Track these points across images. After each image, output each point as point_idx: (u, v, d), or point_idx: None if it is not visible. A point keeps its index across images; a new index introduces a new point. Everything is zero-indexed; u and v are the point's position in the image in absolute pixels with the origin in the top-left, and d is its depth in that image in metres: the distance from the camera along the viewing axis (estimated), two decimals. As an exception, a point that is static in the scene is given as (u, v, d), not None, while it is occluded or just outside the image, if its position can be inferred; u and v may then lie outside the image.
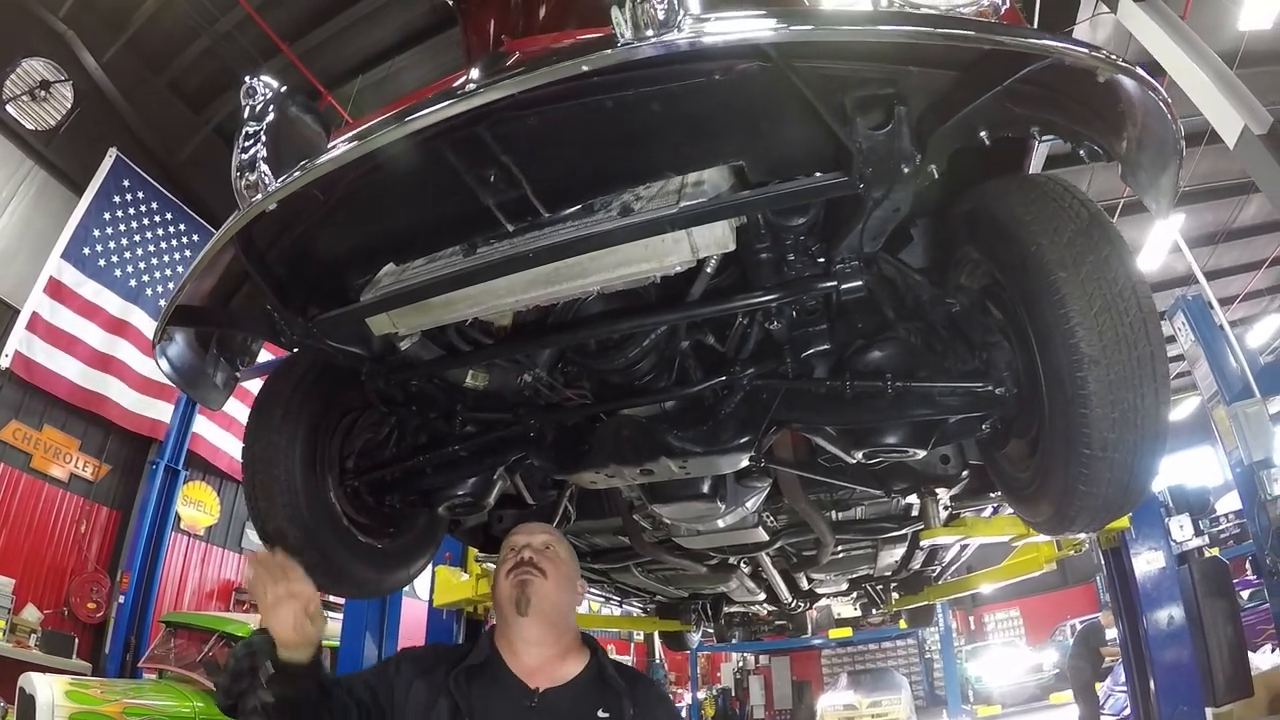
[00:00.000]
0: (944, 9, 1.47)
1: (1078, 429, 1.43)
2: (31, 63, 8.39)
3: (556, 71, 1.11)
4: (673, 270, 1.39)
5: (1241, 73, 10.13)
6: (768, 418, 1.78)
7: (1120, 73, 1.23)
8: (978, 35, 1.20)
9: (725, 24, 1.12)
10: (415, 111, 1.22)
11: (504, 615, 1.67)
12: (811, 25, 1.16)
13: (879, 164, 1.28)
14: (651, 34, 1.06)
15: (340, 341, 1.81)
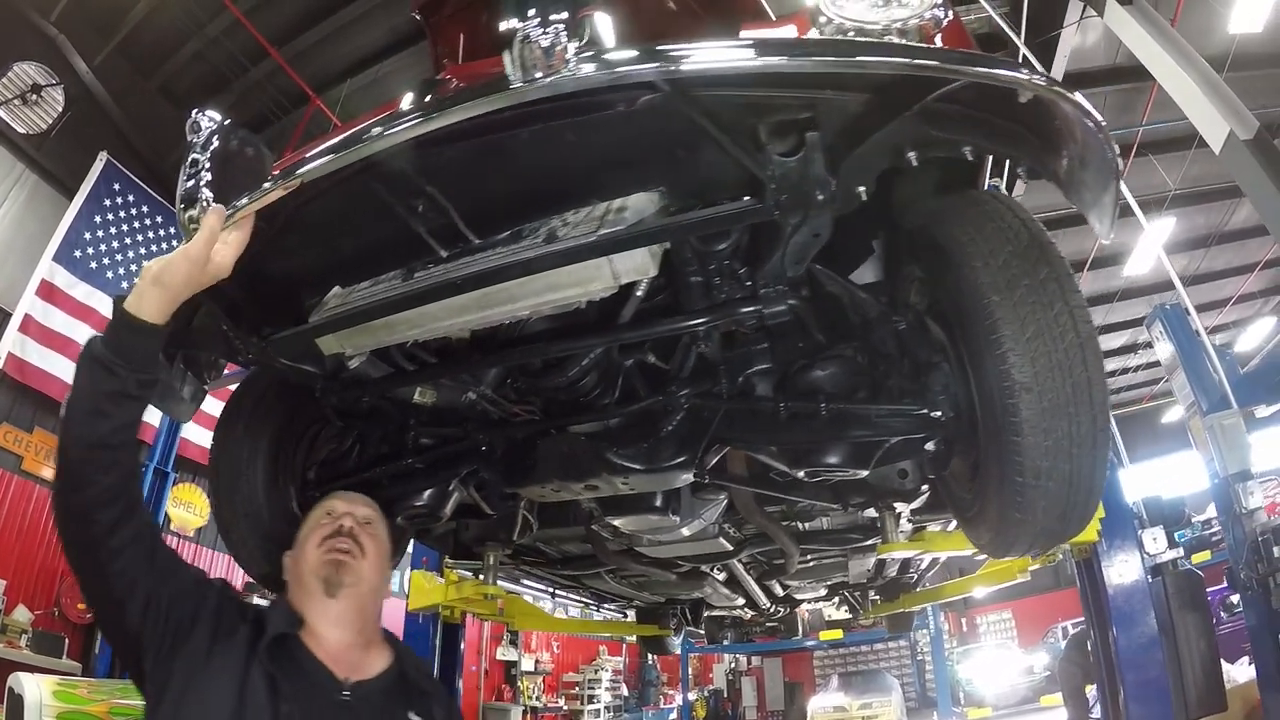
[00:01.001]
0: (881, 25, 1.49)
1: (1010, 456, 1.41)
2: (23, 66, 8.41)
3: (446, 116, 1.14)
4: (596, 296, 1.41)
5: (1232, 76, 10.16)
6: (708, 436, 1.80)
7: (1041, 92, 1.21)
8: (875, 60, 1.19)
9: (609, 62, 1.12)
10: (333, 151, 1.25)
11: (308, 590, 1.55)
12: (695, 62, 1.14)
13: (792, 191, 1.27)
14: (539, 75, 1.08)
15: (293, 360, 1.84)
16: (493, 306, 1.46)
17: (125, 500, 1.33)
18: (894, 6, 1.47)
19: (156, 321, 1.33)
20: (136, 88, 9.41)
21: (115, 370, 1.29)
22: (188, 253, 1.34)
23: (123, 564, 1.32)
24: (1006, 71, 1.20)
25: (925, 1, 1.46)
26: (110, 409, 1.30)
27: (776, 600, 4.87)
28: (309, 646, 1.49)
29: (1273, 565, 4.23)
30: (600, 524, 2.42)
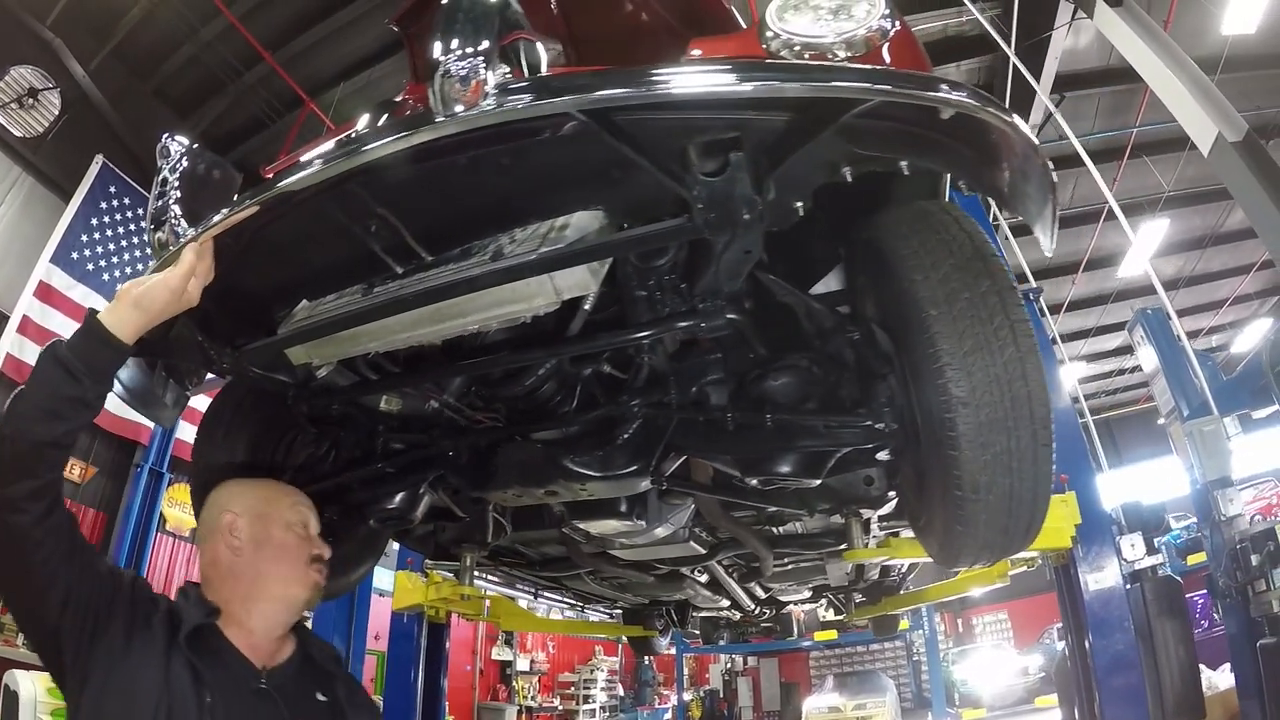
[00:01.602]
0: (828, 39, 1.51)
1: (950, 470, 1.42)
2: (20, 70, 8.46)
3: (365, 155, 1.20)
4: (540, 311, 1.44)
5: (1226, 77, 10.19)
6: (662, 445, 1.84)
7: (962, 109, 1.21)
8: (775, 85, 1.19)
9: (523, 96, 1.15)
10: (286, 176, 1.30)
11: (278, 602, 1.60)
12: (609, 89, 1.16)
13: (719, 209, 1.28)
14: (459, 109, 1.12)
15: (265, 369, 1.88)
16: (445, 320, 1.50)
17: (54, 493, 1.38)
18: (839, 20, 1.50)
19: (128, 341, 1.40)
20: (132, 91, 9.47)
21: (80, 378, 1.35)
22: (168, 283, 1.42)
23: (45, 554, 1.36)
24: (916, 90, 1.20)
25: (871, 14, 1.49)
26: (68, 413, 1.36)
27: (760, 602, 4.91)
28: (228, 636, 1.52)
29: (1251, 573, 4.23)
30: (570, 527, 2.46)
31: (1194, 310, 18.27)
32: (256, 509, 1.67)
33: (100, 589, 1.42)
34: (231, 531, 1.62)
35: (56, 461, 1.38)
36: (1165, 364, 5.31)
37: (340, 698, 1.62)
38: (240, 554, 1.61)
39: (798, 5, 1.50)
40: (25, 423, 1.32)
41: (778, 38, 1.46)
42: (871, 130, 1.28)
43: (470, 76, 1.11)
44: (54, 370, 1.35)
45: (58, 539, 1.37)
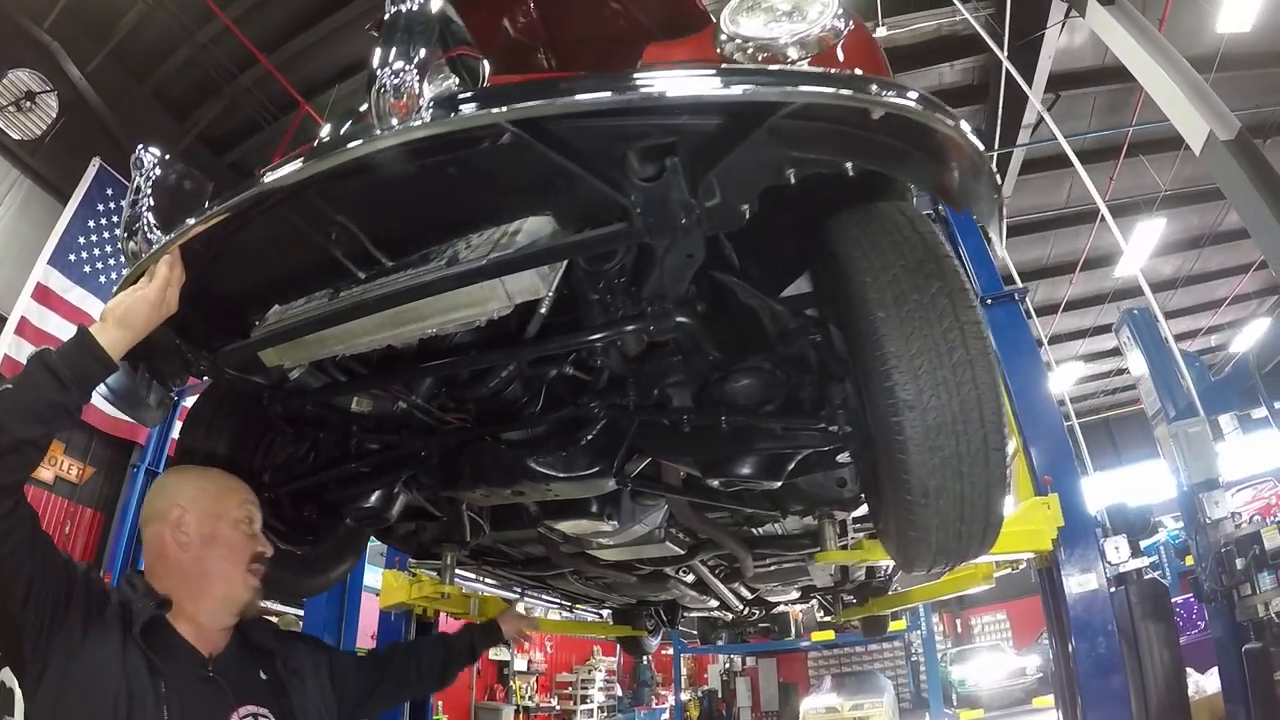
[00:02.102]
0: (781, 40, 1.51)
1: (899, 474, 1.41)
2: (17, 73, 8.47)
3: (319, 165, 1.23)
4: (495, 314, 1.46)
5: (1222, 75, 10.20)
6: (624, 446, 1.86)
7: (891, 109, 1.20)
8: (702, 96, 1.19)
9: (452, 109, 1.16)
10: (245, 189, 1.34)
11: (220, 599, 1.64)
12: (535, 100, 1.16)
13: (657, 214, 1.29)
14: (394, 122, 1.14)
15: (240, 371, 1.91)
16: (405, 324, 1.53)
17: (20, 490, 1.43)
18: (792, 20, 1.51)
19: (116, 358, 1.49)
20: (129, 93, 9.49)
21: (69, 387, 1.43)
22: (146, 298, 1.50)
23: (10, 547, 1.40)
24: (839, 90, 1.19)
25: (824, 14, 1.49)
26: (51, 417, 1.43)
27: (748, 602, 4.93)
28: (176, 627, 1.58)
29: (1236, 577, 4.21)
30: (545, 527, 2.49)
31: (1192, 310, 18.26)
32: (205, 505, 1.70)
33: (58, 582, 1.46)
34: (179, 526, 1.66)
35: (30, 461, 1.42)
36: (1152, 365, 5.26)
37: (280, 672, 1.69)
38: (187, 550, 1.65)
39: (751, 6, 1.52)
40: (10, 420, 1.37)
41: (731, 40, 1.48)
42: (804, 132, 1.27)
43: (403, 90, 1.13)
44: (44, 376, 1.42)
45: (22, 533, 1.41)
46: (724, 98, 1.17)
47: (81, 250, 8.93)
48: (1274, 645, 4.07)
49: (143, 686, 1.41)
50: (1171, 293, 17.10)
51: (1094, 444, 21.72)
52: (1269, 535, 4.21)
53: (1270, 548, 4.19)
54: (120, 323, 1.48)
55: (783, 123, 1.22)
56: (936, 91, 10.99)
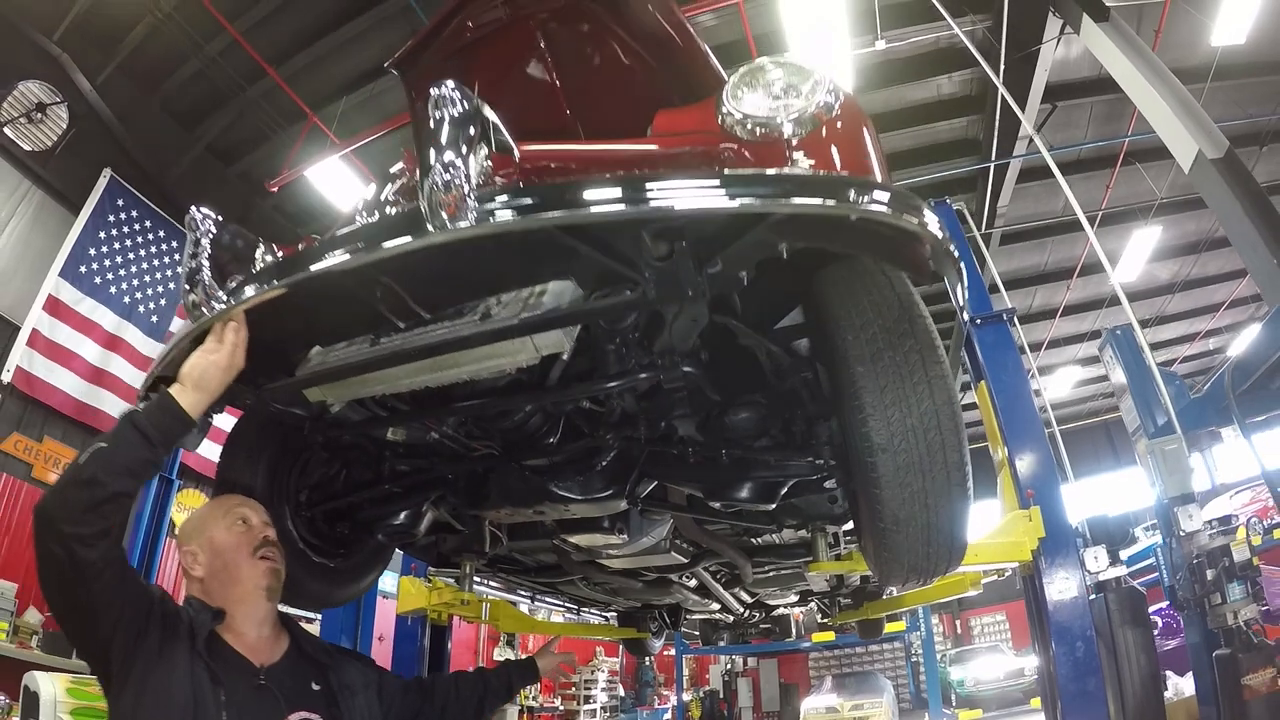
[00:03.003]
0: (763, 115, 1.67)
1: (873, 505, 1.61)
2: (28, 85, 8.62)
3: (375, 254, 1.41)
4: (524, 364, 1.64)
5: (1218, 85, 10.35)
6: (635, 472, 2.04)
7: (866, 215, 1.33)
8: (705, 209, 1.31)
9: (493, 213, 1.31)
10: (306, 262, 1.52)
11: (247, 597, 1.82)
12: (570, 210, 1.32)
13: (666, 287, 1.44)
14: (444, 216, 1.30)
15: (284, 405, 2.08)
16: (443, 369, 1.70)
17: (117, 533, 1.61)
18: (788, 98, 1.69)
19: (195, 417, 1.67)
20: (139, 105, 9.68)
21: (156, 445, 1.61)
22: (219, 364, 1.69)
23: (104, 583, 1.58)
24: (817, 199, 1.33)
25: (816, 92, 1.68)
26: (141, 471, 1.61)
27: (748, 606, 5.10)
28: (227, 640, 1.76)
29: (1207, 587, 4.41)
30: (560, 540, 2.66)
31: (1190, 314, 18.40)
32: (204, 534, 1.89)
33: (140, 608, 1.64)
34: (196, 561, 1.85)
35: (124, 509, 1.60)
36: (1132, 383, 5.45)
37: (332, 684, 1.84)
38: (210, 570, 1.85)
39: (751, 82, 1.70)
40: (106, 475, 1.54)
41: (731, 115, 1.65)
42: (794, 226, 1.42)
43: (452, 188, 1.30)
44: (134, 436, 1.59)
45: (114, 570, 1.59)
46: (724, 210, 1.32)
47: (92, 262, 9.11)
48: (1242, 651, 4.26)
49: (205, 694, 1.59)
50: (1169, 297, 17.28)
51: (1092, 447, 22.00)
52: (1237, 548, 4.41)
53: (1239, 560, 4.39)
54: (197, 386, 1.67)
55: (773, 223, 1.38)
56: (935, 102, 11.17)
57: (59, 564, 1.53)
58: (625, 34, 2.77)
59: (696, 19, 8.62)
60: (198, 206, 1.79)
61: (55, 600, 1.61)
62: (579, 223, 1.34)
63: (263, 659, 1.79)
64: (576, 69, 2.80)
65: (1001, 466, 3.92)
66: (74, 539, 1.52)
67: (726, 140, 1.71)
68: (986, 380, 4.09)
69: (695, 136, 1.80)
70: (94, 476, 1.53)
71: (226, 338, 1.69)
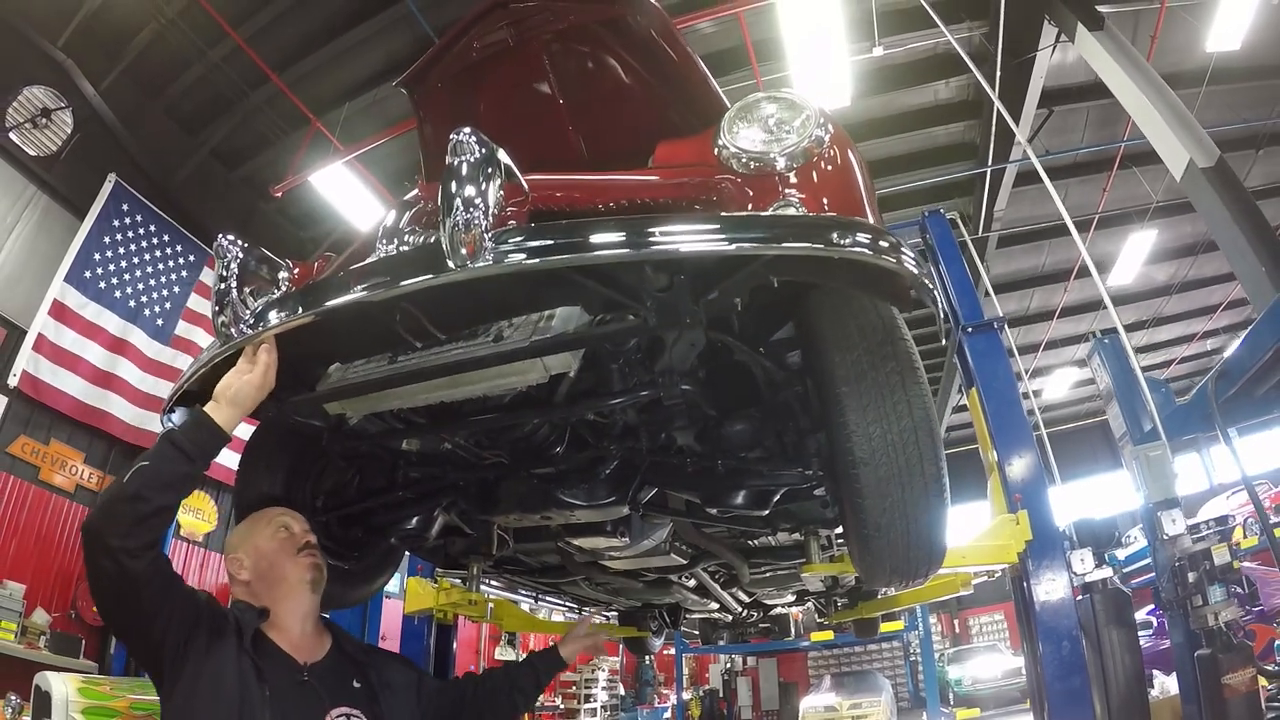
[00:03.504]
0: (757, 150, 1.78)
1: (856, 513, 1.73)
2: (33, 90, 8.70)
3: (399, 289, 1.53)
4: (533, 382, 1.75)
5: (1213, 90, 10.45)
6: (637, 481, 2.15)
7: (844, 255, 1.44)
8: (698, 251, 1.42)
9: (507, 255, 1.43)
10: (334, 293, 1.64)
11: (289, 592, 1.93)
12: (578, 254, 1.43)
13: (666, 315, 1.56)
14: (464, 254, 1.40)
15: (304, 417, 2.21)
16: (458, 387, 1.82)
17: (160, 544, 1.72)
18: (781, 133, 1.80)
19: (230, 432, 1.78)
20: (143, 110, 9.75)
21: (195, 460, 1.72)
22: (253, 383, 1.81)
23: (153, 590, 1.69)
24: (803, 244, 1.44)
25: (808, 127, 1.79)
26: (182, 485, 1.73)
27: (746, 605, 5.20)
28: (272, 639, 1.86)
29: (1189, 589, 4.53)
30: (565, 543, 2.77)
31: (1188, 316, 18.50)
32: (249, 544, 2.01)
33: (188, 611, 1.75)
34: (242, 568, 1.97)
35: (166, 522, 1.71)
36: (1118, 391, 5.55)
37: (373, 682, 1.94)
38: (256, 574, 1.97)
39: (747, 117, 1.81)
40: (150, 491, 1.65)
41: (727, 149, 1.76)
42: (784, 263, 1.54)
43: (471, 228, 1.40)
44: (174, 452, 1.70)
45: (161, 578, 1.71)
46: (721, 254, 1.44)
47: (97, 267, 9.19)
48: (1222, 652, 4.37)
49: (252, 689, 1.69)
50: (1166, 299, 17.38)
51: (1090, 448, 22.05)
52: (1218, 552, 4.52)
53: (1219, 563, 4.50)
54: (232, 403, 1.78)
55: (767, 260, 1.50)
56: (933, 107, 11.27)
57: (109, 577, 1.64)
58: (629, 56, 2.87)
59: (696, 27, 8.72)
60: (224, 234, 1.90)
61: (110, 610, 1.72)
62: (588, 264, 1.44)
63: (306, 657, 1.88)
64: (581, 90, 2.90)
65: (992, 470, 4.01)
66: (121, 551, 1.62)
67: (723, 173, 1.82)
68: (977, 386, 4.19)
69: (694, 169, 1.92)
70: (138, 493, 1.63)
71: (260, 359, 1.81)
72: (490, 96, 3.02)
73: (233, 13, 8.47)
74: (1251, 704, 4.33)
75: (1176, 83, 8.17)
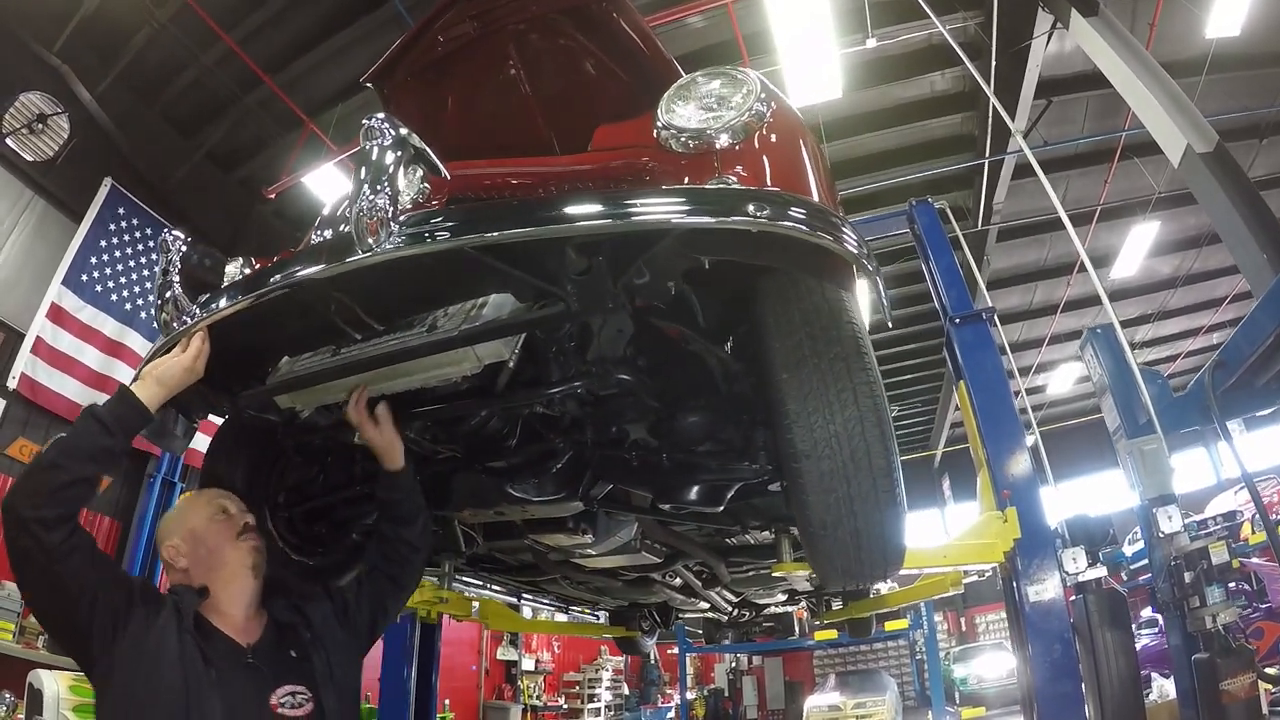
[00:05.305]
0: (694, 127, 1.72)
1: (801, 510, 1.66)
2: (29, 96, 8.75)
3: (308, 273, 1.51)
4: (468, 372, 1.71)
5: (1213, 78, 10.33)
6: (588, 475, 2.10)
7: (765, 228, 1.38)
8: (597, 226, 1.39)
9: (412, 237, 1.40)
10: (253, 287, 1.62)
11: (234, 577, 1.87)
12: (466, 234, 1.41)
13: (587, 300, 1.51)
14: (372, 242, 1.37)
15: (258, 411, 2.19)
16: (395, 378, 1.79)
17: (77, 518, 1.68)
18: (721, 109, 1.75)
19: (152, 409, 1.76)
20: (138, 114, 9.78)
21: (115, 434, 1.70)
22: (182, 364, 1.80)
23: (74, 565, 1.65)
24: (711, 218, 1.38)
25: (747, 102, 1.74)
26: (102, 460, 1.70)
27: (736, 604, 5.14)
28: (214, 622, 1.80)
29: (1185, 590, 4.40)
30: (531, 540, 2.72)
31: (1193, 309, 18.33)
32: (185, 527, 1.94)
33: (118, 593, 1.70)
34: (179, 553, 1.90)
35: (83, 495, 1.69)
36: (1112, 383, 5.39)
37: (305, 642, 1.88)
38: (193, 559, 1.90)
39: (685, 96, 1.76)
40: (66, 459, 1.64)
41: (666, 129, 1.71)
42: (702, 240, 1.48)
43: (376, 214, 1.37)
44: (94, 425, 1.69)
45: (82, 554, 1.66)
46: (615, 229, 1.40)
47: (94, 270, 9.23)
48: (1221, 656, 4.23)
49: (198, 672, 1.64)
50: (1171, 292, 17.21)
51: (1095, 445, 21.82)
52: (1216, 551, 4.39)
53: (1217, 563, 4.36)
54: (158, 381, 1.77)
55: (679, 236, 1.44)
56: (928, 99, 11.18)
57: (27, 551, 1.60)
58: (594, 45, 2.83)
59: (686, 21, 8.67)
60: (169, 229, 1.89)
61: (31, 588, 1.68)
62: (488, 244, 1.40)
63: (248, 638, 1.83)
64: (547, 81, 2.86)
65: (981, 466, 3.95)
66: (35, 522, 1.59)
67: (659, 153, 1.76)
68: (966, 379, 4.12)
69: (630, 150, 1.87)
70: (54, 461, 1.62)
71: (192, 344, 1.81)
72: (457, 89, 2.98)
73: (225, 16, 8.49)
74: (1252, 710, 4.22)
75: (1176, 71, 8.04)
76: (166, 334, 1.86)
